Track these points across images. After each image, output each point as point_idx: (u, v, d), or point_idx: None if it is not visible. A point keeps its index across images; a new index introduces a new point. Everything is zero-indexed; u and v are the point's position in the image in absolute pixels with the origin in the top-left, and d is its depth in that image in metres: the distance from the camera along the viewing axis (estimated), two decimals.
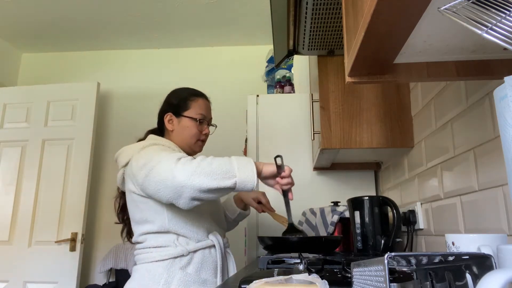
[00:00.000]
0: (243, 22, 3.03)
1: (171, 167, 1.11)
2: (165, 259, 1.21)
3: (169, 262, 1.21)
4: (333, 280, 0.79)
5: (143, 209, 1.24)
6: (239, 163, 1.15)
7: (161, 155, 1.16)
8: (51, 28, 3.10)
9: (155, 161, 1.16)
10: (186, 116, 1.40)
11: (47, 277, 2.59)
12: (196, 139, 1.40)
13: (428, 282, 0.53)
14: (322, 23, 1.28)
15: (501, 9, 0.45)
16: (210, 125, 1.46)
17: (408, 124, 1.44)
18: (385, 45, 0.66)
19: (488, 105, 0.89)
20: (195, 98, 1.43)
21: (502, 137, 0.46)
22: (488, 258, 0.47)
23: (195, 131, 1.39)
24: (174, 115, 1.41)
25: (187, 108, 1.41)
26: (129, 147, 1.32)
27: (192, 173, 1.09)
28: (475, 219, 0.96)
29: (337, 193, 1.92)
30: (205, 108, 1.44)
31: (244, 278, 0.81)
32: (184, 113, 1.40)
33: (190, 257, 1.24)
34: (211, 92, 3.45)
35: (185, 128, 1.39)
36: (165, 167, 1.12)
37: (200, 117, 1.41)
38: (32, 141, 2.88)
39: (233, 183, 1.12)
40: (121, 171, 1.31)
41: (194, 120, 1.39)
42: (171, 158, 1.14)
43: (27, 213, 2.74)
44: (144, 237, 1.25)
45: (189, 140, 1.40)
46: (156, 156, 1.17)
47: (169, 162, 1.12)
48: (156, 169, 1.14)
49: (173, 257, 1.21)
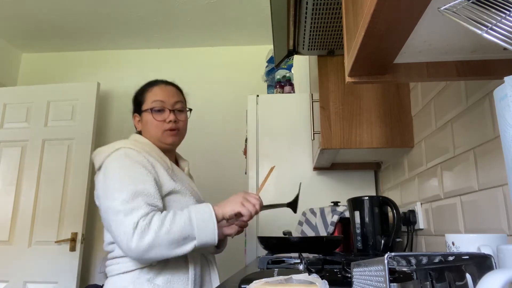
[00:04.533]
0: (243, 22, 3.03)
1: (127, 238, 1.01)
2: (131, 270, 1.10)
3: (136, 273, 1.10)
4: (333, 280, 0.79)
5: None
6: (199, 223, 1.06)
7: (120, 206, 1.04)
8: (51, 28, 3.10)
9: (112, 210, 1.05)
10: (144, 110, 1.27)
11: (47, 277, 2.59)
12: (161, 130, 1.25)
13: (428, 282, 0.53)
14: (322, 23, 1.28)
15: (501, 9, 0.45)
16: (176, 110, 1.28)
17: (408, 124, 1.44)
18: (385, 45, 0.66)
19: (488, 105, 0.89)
20: (149, 88, 1.30)
21: (502, 137, 0.46)
22: (488, 258, 0.47)
23: (155, 123, 1.25)
24: (138, 114, 1.30)
25: (143, 101, 1.28)
26: (102, 150, 1.20)
27: (149, 247, 1.01)
28: (475, 219, 0.96)
29: (337, 193, 1.92)
30: (162, 94, 1.27)
31: (244, 278, 0.81)
32: (142, 107, 1.28)
33: (160, 267, 1.11)
34: (211, 92, 3.42)
35: (146, 123, 1.27)
36: (120, 232, 1.02)
37: (155, 104, 1.25)
38: (32, 141, 2.88)
39: (191, 247, 1.05)
40: (97, 172, 1.22)
41: (149, 111, 1.26)
42: (127, 223, 1.02)
43: (27, 213, 2.74)
44: (113, 246, 1.14)
45: (155, 134, 1.25)
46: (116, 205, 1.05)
47: (125, 229, 1.02)
48: (113, 223, 1.04)
49: (139, 268, 1.10)
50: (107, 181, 1.10)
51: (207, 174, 3.02)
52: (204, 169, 3.04)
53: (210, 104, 3.24)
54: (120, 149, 1.16)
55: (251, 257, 1.87)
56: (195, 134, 3.15)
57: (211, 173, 3.05)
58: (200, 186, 1.43)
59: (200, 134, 3.14)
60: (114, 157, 1.14)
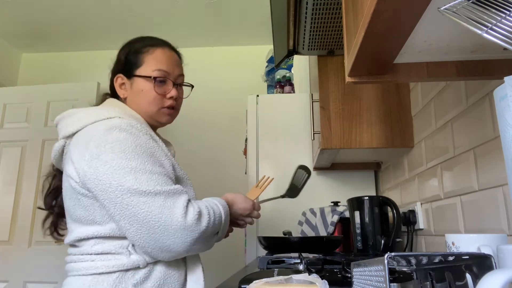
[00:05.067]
0: (243, 22, 3.03)
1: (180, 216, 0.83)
2: (112, 271, 0.86)
3: (118, 276, 0.86)
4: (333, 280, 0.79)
5: (88, 206, 0.88)
6: (225, 218, 0.97)
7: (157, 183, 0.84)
8: (51, 28, 3.10)
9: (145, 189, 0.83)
10: (139, 76, 1.03)
11: (47, 277, 2.59)
12: (157, 106, 1.03)
13: (428, 282, 0.53)
14: (322, 23, 1.28)
15: (501, 9, 0.45)
16: (179, 84, 1.09)
17: (408, 124, 1.44)
18: (385, 45, 0.66)
19: (488, 105, 0.89)
20: (149, 49, 1.06)
21: (502, 137, 0.46)
22: (488, 258, 0.47)
23: (153, 95, 1.01)
24: (125, 76, 1.04)
25: (139, 64, 1.03)
26: (81, 112, 0.94)
27: (201, 234, 0.86)
28: (475, 219, 0.96)
29: (337, 193, 1.92)
30: (167, 61, 1.05)
31: (244, 278, 0.81)
32: (136, 71, 1.03)
33: (149, 270, 0.89)
34: (211, 92, 3.42)
35: (139, 92, 1.02)
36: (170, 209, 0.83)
37: (158, 74, 1.02)
38: (32, 141, 2.88)
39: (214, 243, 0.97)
40: (61, 142, 0.95)
41: (149, 79, 1.02)
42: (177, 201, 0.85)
43: (27, 213, 2.74)
44: (85, 242, 0.90)
45: (148, 108, 1.02)
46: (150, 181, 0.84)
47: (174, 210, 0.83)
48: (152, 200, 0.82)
49: (124, 269, 0.87)
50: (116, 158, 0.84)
51: (207, 174, 3.03)
52: (204, 169, 3.04)
53: (210, 104, 3.24)
54: (114, 118, 0.91)
55: (251, 257, 1.87)
56: (195, 134, 3.15)
57: (211, 173, 3.06)
58: (200, 186, 1.43)
59: (200, 134, 3.14)
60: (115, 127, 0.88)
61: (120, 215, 0.84)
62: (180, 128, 3.12)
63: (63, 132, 0.94)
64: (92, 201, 0.88)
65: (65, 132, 0.93)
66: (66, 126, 0.94)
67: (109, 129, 0.87)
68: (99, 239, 0.89)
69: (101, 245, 0.88)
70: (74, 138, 0.92)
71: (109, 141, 0.85)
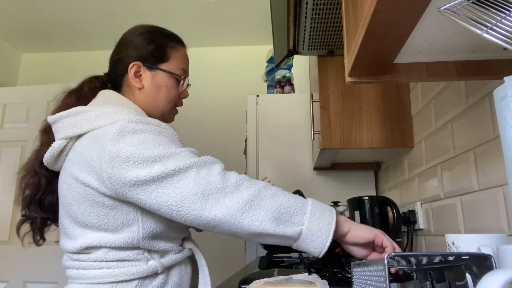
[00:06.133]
0: (243, 22, 3.03)
1: (218, 183, 0.76)
2: (132, 279, 0.82)
3: (138, 283, 0.83)
4: (333, 280, 0.79)
5: (102, 215, 0.82)
6: (315, 207, 0.79)
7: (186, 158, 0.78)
8: (51, 28, 3.10)
9: (175, 167, 0.77)
10: (165, 70, 0.99)
11: (47, 277, 2.59)
12: (173, 105, 1.02)
13: (428, 282, 0.53)
14: (322, 23, 1.28)
15: (501, 9, 0.45)
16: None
17: (408, 124, 1.44)
18: (385, 45, 0.66)
19: (488, 105, 0.89)
20: (176, 46, 1.03)
21: (502, 137, 0.46)
22: (488, 258, 0.47)
23: (175, 94, 1.00)
24: (144, 65, 0.98)
25: (166, 59, 0.99)
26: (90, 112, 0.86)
27: (248, 201, 0.75)
28: (475, 219, 0.96)
29: (337, 193, 1.92)
30: (187, 62, 1.06)
31: (244, 278, 0.81)
32: (162, 65, 0.99)
33: (165, 275, 0.87)
34: (211, 92, 3.41)
35: (160, 87, 0.98)
36: (205, 178, 0.76)
37: (183, 74, 1.02)
38: (32, 141, 2.87)
39: (296, 232, 0.76)
40: (61, 142, 0.87)
41: (175, 77, 1.00)
42: (215, 163, 0.80)
43: None
44: (96, 250, 0.84)
45: (165, 105, 0.99)
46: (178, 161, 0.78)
47: (209, 180, 0.76)
48: (185, 175, 0.76)
49: (143, 277, 0.83)
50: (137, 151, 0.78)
51: None
52: None
53: (210, 104, 3.24)
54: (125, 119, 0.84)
55: (251, 257, 1.87)
56: (195, 133, 3.15)
57: None
58: None
59: (200, 134, 3.14)
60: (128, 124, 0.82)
61: (159, 204, 0.77)
62: (180, 128, 3.11)
63: (65, 132, 0.86)
64: (107, 210, 0.82)
65: (69, 133, 0.85)
66: (71, 126, 0.86)
67: (124, 126, 0.81)
68: (111, 248, 0.83)
69: (116, 252, 0.83)
70: (82, 139, 0.85)
71: (126, 137, 0.80)
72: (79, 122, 0.86)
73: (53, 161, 0.90)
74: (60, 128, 0.87)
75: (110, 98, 0.95)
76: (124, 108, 0.87)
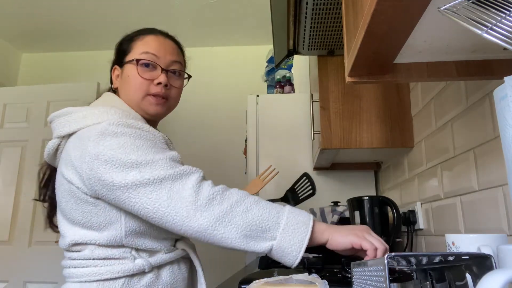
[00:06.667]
0: (243, 22, 3.03)
1: (186, 203, 0.75)
2: (118, 277, 0.82)
3: (124, 282, 0.83)
4: (333, 280, 0.79)
5: (85, 212, 0.84)
6: (289, 220, 0.77)
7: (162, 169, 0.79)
8: (51, 28, 3.10)
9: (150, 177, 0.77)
10: (127, 62, 0.97)
11: (47, 277, 2.59)
12: (143, 92, 0.94)
13: (428, 282, 0.53)
14: (322, 23, 1.28)
15: (501, 9, 0.45)
16: (170, 71, 0.99)
17: (408, 124, 1.44)
18: (385, 45, 0.66)
19: (488, 105, 0.89)
20: (140, 36, 0.99)
21: (502, 137, 0.46)
22: (488, 258, 0.47)
23: (140, 80, 0.94)
24: (119, 66, 1.00)
25: (128, 51, 0.98)
26: (80, 112, 0.89)
27: (219, 217, 0.75)
28: (475, 219, 0.96)
29: (337, 193, 1.92)
30: (157, 46, 0.97)
31: (244, 278, 0.81)
32: (125, 58, 0.98)
33: (154, 274, 0.86)
34: (211, 92, 3.41)
35: (126, 79, 0.96)
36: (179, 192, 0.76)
37: (145, 56, 0.95)
38: (32, 141, 2.88)
39: (266, 249, 0.76)
40: (55, 141, 0.91)
41: (134, 63, 0.95)
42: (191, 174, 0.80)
43: (27, 213, 2.74)
44: (84, 247, 0.86)
45: (134, 95, 0.95)
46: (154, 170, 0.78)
47: (182, 194, 0.76)
48: (159, 187, 0.76)
49: (129, 275, 0.83)
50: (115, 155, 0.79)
51: (206, 174, 3.01)
52: (203, 168, 3.02)
53: (210, 104, 3.24)
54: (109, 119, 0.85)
55: (251, 257, 1.87)
56: (195, 133, 3.15)
57: (211, 173, 3.04)
58: None
59: (200, 134, 3.14)
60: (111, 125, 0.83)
61: (133, 210, 0.79)
62: (179, 128, 3.12)
63: (58, 131, 0.90)
64: (90, 208, 0.84)
65: (60, 132, 0.89)
66: (62, 125, 0.89)
67: (105, 129, 0.83)
68: (97, 246, 0.85)
69: (102, 250, 0.84)
70: (71, 139, 0.88)
71: (107, 140, 0.81)
72: (68, 122, 0.89)
73: (51, 158, 0.95)
74: (54, 127, 0.92)
75: (106, 99, 0.99)
76: (111, 109, 0.89)
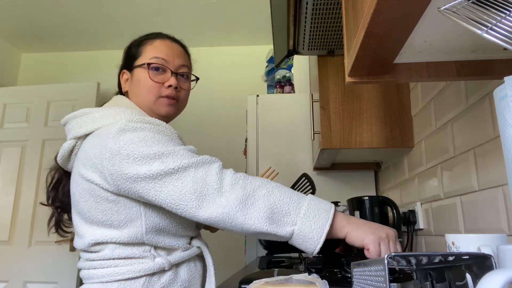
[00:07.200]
0: (243, 22, 3.03)
1: (215, 183, 0.78)
2: (138, 276, 0.84)
3: (145, 280, 0.85)
4: (333, 280, 0.79)
5: (106, 210, 0.85)
6: (311, 207, 0.78)
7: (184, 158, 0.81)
8: (51, 28, 3.10)
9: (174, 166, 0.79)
10: (137, 66, 1.01)
11: (47, 277, 2.59)
12: (155, 95, 0.98)
13: (428, 282, 0.53)
14: (322, 23, 1.28)
15: (501, 9, 0.45)
16: (181, 75, 1.04)
17: (408, 124, 1.44)
18: (385, 45, 0.66)
19: (488, 105, 0.89)
20: (149, 40, 1.04)
21: (502, 137, 0.46)
22: (488, 258, 0.47)
23: (151, 84, 0.98)
24: (128, 70, 1.04)
25: (138, 55, 1.02)
26: (96, 112, 0.91)
27: (243, 200, 0.77)
28: (475, 219, 0.96)
29: (337, 193, 1.92)
30: (166, 50, 1.02)
31: (244, 278, 0.81)
32: (135, 62, 1.02)
33: (173, 272, 0.89)
34: (211, 92, 3.41)
35: (136, 82, 1.00)
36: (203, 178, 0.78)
37: (155, 61, 0.99)
38: (32, 141, 2.88)
39: (288, 233, 0.77)
40: (70, 142, 0.92)
41: (145, 67, 0.99)
42: (213, 162, 0.82)
43: (27, 213, 2.74)
44: (104, 246, 0.86)
45: (145, 98, 0.98)
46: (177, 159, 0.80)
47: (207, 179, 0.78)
48: (184, 175, 0.78)
49: (150, 274, 0.85)
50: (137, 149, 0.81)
51: None
52: None
53: (210, 104, 3.24)
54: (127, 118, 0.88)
55: (251, 257, 1.87)
56: (195, 133, 3.15)
57: None
58: None
59: (200, 134, 3.14)
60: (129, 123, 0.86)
61: (158, 201, 0.80)
62: (179, 128, 3.11)
63: (74, 132, 0.91)
64: (111, 205, 0.85)
65: (77, 133, 0.91)
66: (78, 126, 0.91)
67: (125, 125, 0.85)
68: (118, 244, 0.86)
69: (123, 249, 0.85)
70: (88, 139, 0.89)
71: (127, 135, 0.83)
72: (85, 122, 0.91)
73: (65, 161, 0.96)
74: (69, 129, 0.93)
75: (118, 101, 1.02)
76: (127, 110, 0.93)
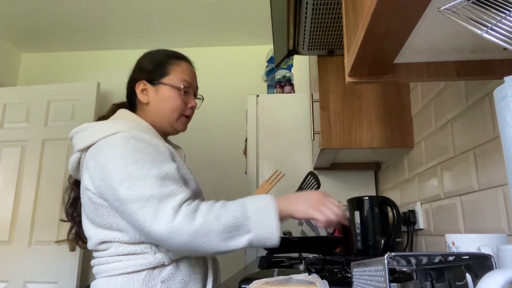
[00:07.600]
0: (243, 22, 3.03)
1: (166, 221, 0.85)
2: (141, 269, 0.93)
3: (147, 274, 0.93)
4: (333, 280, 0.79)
5: (104, 215, 0.95)
6: (256, 211, 0.90)
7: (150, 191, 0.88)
8: (51, 28, 3.10)
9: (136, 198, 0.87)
10: (166, 84, 1.09)
11: (47, 277, 2.59)
12: (179, 113, 1.11)
13: (428, 282, 0.53)
14: (322, 23, 1.28)
15: (501, 9, 0.45)
16: (196, 96, 1.17)
17: (408, 124, 1.44)
18: (385, 45, 0.66)
19: (488, 105, 0.89)
20: (176, 61, 1.13)
21: (502, 137, 0.46)
22: (488, 258, 0.47)
23: (179, 103, 1.09)
24: (149, 83, 1.11)
25: (166, 74, 1.10)
26: (95, 127, 1.01)
27: (197, 233, 0.85)
28: (475, 219, 0.96)
29: (337, 193, 1.92)
30: (190, 74, 1.14)
31: (244, 278, 0.81)
32: (163, 79, 1.10)
33: (174, 267, 0.97)
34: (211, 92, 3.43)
35: (164, 99, 1.09)
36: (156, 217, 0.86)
37: (185, 84, 1.11)
38: (32, 141, 2.88)
39: (247, 242, 0.89)
40: (76, 155, 1.02)
41: (176, 88, 1.09)
42: (166, 207, 0.87)
43: (27, 213, 2.74)
44: (108, 245, 0.96)
45: (170, 115, 1.09)
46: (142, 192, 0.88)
47: (164, 214, 0.86)
48: (141, 211, 0.87)
49: (151, 267, 0.94)
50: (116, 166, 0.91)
51: (207, 174, 3.02)
52: (204, 169, 3.04)
53: (210, 104, 3.23)
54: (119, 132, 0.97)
55: (251, 257, 1.87)
56: (195, 134, 3.15)
57: (211, 173, 3.05)
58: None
59: (200, 134, 3.14)
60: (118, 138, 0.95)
61: (127, 221, 0.92)
62: None
63: (78, 146, 1.01)
64: (107, 210, 0.94)
65: (80, 146, 1.00)
66: (81, 140, 1.00)
67: (114, 141, 0.95)
68: (121, 243, 0.95)
69: (126, 247, 0.95)
70: (89, 151, 0.99)
71: (113, 151, 0.93)
72: (85, 136, 1.00)
73: (75, 172, 1.05)
74: (74, 143, 1.03)
75: (120, 114, 1.10)
76: (121, 121, 1.02)
